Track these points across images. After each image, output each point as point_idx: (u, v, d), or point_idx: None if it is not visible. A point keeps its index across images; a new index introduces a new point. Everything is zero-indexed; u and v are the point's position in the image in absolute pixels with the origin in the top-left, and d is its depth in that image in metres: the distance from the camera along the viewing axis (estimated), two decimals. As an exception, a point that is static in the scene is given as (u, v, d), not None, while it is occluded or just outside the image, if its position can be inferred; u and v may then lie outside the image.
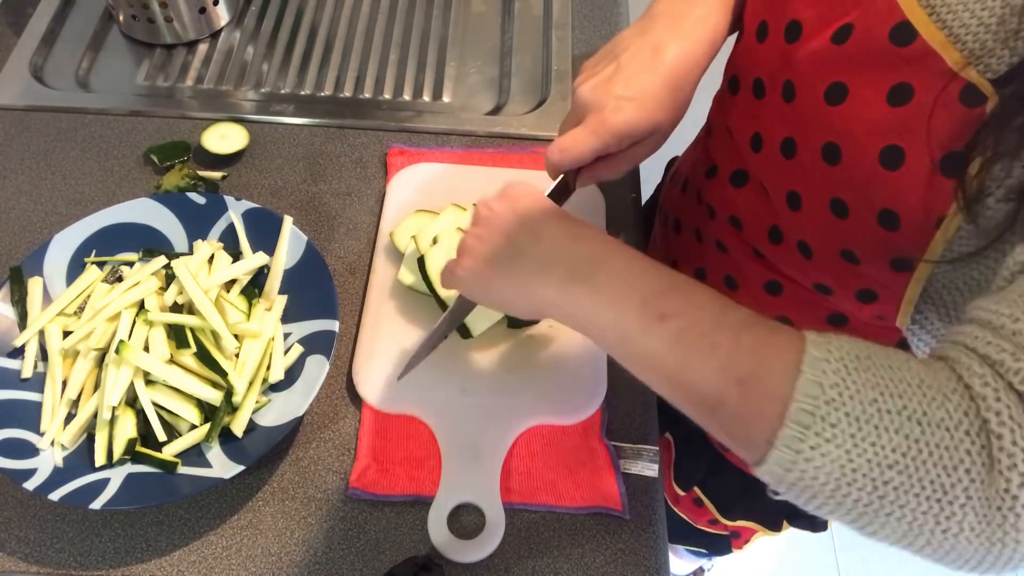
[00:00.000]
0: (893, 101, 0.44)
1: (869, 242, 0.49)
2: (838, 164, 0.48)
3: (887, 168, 0.45)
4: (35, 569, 0.57)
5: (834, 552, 1.57)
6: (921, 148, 0.43)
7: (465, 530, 0.59)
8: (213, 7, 0.90)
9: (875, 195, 0.47)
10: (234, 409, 0.59)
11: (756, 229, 0.60)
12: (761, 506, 0.89)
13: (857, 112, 0.46)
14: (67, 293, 0.64)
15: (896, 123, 0.44)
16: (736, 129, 0.59)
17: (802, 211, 0.53)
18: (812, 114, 0.49)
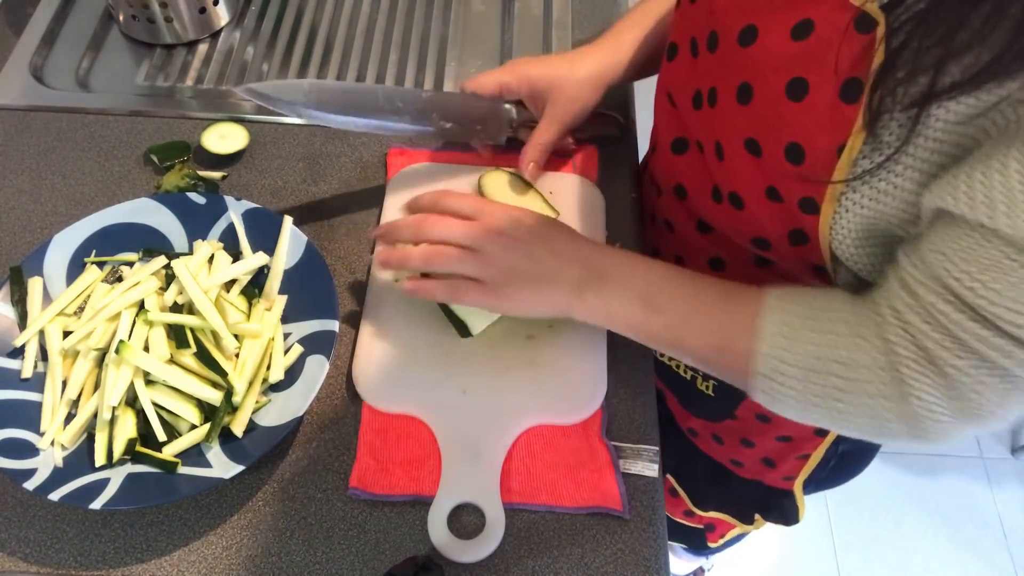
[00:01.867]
0: (796, 35, 0.48)
1: (782, 178, 0.52)
2: (749, 103, 0.52)
3: (792, 100, 0.49)
4: (35, 569, 0.57)
5: (834, 552, 1.57)
6: (823, 78, 0.47)
7: (465, 530, 0.59)
8: (213, 7, 0.90)
9: (782, 129, 0.50)
10: (234, 409, 0.59)
11: (698, 193, 0.63)
12: (730, 496, 0.90)
13: (765, 50, 0.50)
14: (67, 293, 0.64)
15: (799, 56, 0.48)
16: (677, 92, 0.63)
17: (725, 159, 0.56)
18: (730, 58, 0.54)
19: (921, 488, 1.65)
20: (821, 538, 1.59)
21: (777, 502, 0.86)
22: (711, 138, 0.58)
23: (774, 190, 0.53)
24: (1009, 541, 1.60)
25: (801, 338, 0.50)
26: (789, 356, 0.50)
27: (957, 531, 1.60)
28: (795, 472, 0.80)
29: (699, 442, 0.83)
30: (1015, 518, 1.63)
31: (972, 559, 1.57)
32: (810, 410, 0.51)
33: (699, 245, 0.67)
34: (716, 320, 0.54)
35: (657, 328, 0.57)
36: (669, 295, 0.56)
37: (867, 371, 0.48)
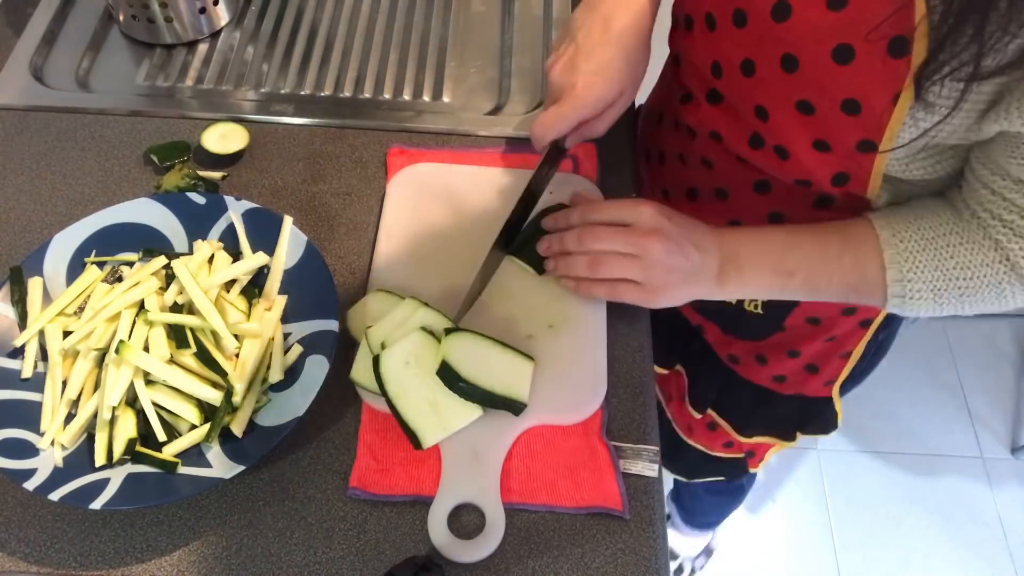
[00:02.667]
0: (832, 6, 0.52)
1: (837, 130, 0.57)
2: (796, 71, 0.56)
3: (840, 63, 0.53)
4: (35, 569, 0.57)
5: (834, 552, 1.57)
6: (867, 41, 0.51)
7: (465, 530, 0.59)
8: (213, 7, 0.90)
9: (836, 88, 0.54)
10: (234, 409, 0.59)
11: (736, 139, 0.66)
12: (774, 416, 0.93)
13: (803, 23, 0.53)
14: (67, 293, 0.64)
15: (839, 24, 0.52)
16: (697, 61, 0.65)
17: (771, 120, 0.60)
18: (764, 33, 0.56)
19: (921, 488, 1.65)
20: (821, 538, 1.59)
21: (818, 411, 0.90)
22: (749, 102, 0.61)
23: (822, 141, 0.58)
24: (1009, 541, 1.60)
25: (923, 260, 0.59)
26: (916, 277, 0.60)
27: (957, 531, 1.60)
28: (836, 374, 0.85)
29: (740, 368, 0.87)
30: (1015, 518, 1.63)
31: (972, 559, 1.57)
32: (942, 308, 0.61)
33: (741, 175, 0.69)
34: (846, 265, 0.62)
35: (795, 287, 0.64)
36: (798, 257, 0.63)
37: (988, 268, 0.58)
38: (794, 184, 0.65)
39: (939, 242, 0.59)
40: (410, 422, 0.59)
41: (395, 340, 0.61)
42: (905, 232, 0.60)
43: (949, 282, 0.59)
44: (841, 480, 1.65)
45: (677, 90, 0.72)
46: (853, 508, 1.62)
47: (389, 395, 0.59)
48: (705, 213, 0.73)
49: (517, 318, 0.68)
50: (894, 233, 0.61)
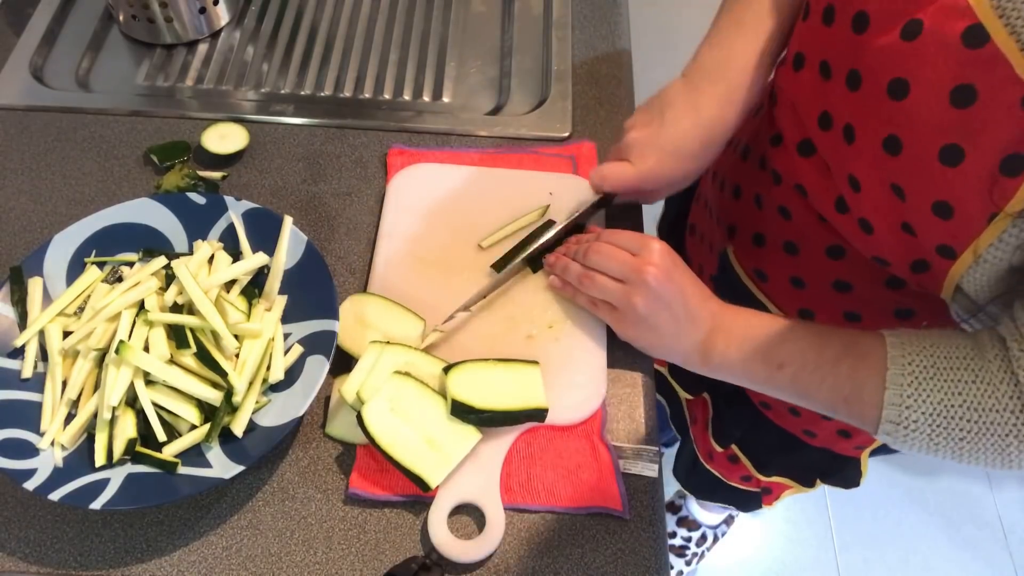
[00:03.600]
0: (956, 102, 0.46)
1: (923, 225, 0.52)
2: (898, 155, 0.51)
3: (946, 164, 0.47)
4: (35, 569, 0.57)
5: (834, 552, 1.57)
6: (981, 148, 0.45)
7: (465, 530, 0.59)
8: (213, 7, 0.90)
9: (932, 187, 0.49)
10: (234, 409, 0.59)
11: (822, 198, 0.62)
12: (799, 463, 0.92)
13: (919, 109, 0.48)
14: (67, 293, 0.64)
15: (958, 123, 0.46)
16: (802, 105, 0.62)
17: (862, 193, 0.56)
18: (874, 105, 0.51)
19: (921, 488, 1.65)
20: (821, 538, 1.59)
21: (841, 468, 0.89)
22: (845, 170, 0.57)
23: (909, 226, 0.53)
24: (1009, 541, 1.60)
25: (929, 388, 0.53)
26: (917, 406, 0.53)
27: (957, 531, 1.60)
28: (868, 443, 0.82)
29: (771, 414, 0.85)
30: (1015, 518, 1.62)
31: (972, 559, 1.57)
32: (936, 449, 0.54)
33: (818, 235, 0.66)
34: (842, 373, 0.56)
35: (782, 382, 0.59)
36: (792, 350, 0.59)
37: (998, 415, 0.51)
38: (871, 259, 0.61)
39: (951, 375, 0.53)
40: (411, 467, 0.58)
41: (371, 390, 0.60)
42: (917, 355, 0.54)
43: (951, 421, 0.52)
44: (841, 480, 1.65)
45: (769, 129, 0.69)
46: (853, 508, 1.62)
47: (383, 448, 0.58)
48: (769, 263, 0.71)
49: (517, 318, 0.68)
50: (904, 353, 0.54)
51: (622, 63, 0.90)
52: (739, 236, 0.75)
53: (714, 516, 1.49)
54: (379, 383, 0.60)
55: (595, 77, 0.88)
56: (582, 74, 0.88)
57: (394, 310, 0.66)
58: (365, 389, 0.60)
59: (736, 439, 0.93)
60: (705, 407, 0.95)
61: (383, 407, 0.59)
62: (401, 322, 0.65)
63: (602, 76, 0.88)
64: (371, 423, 0.58)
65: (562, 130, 0.83)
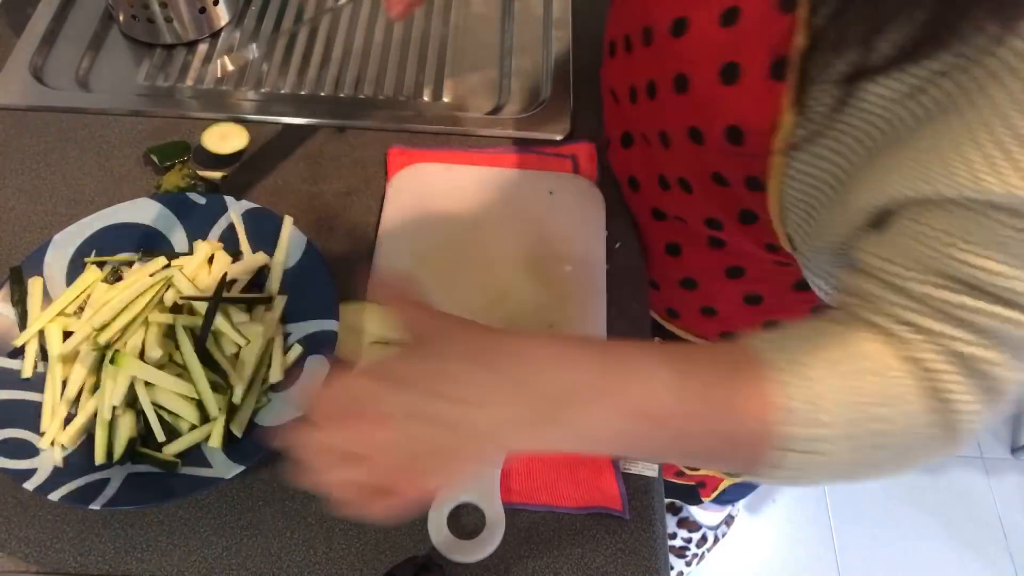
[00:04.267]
0: (725, 22, 0.50)
1: (725, 161, 0.54)
2: (687, 92, 0.54)
3: (727, 84, 0.50)
4: (35, 569, 0.57)
5: (834, 552, 1.57)
6: (753, 60, 0.48)
7: (465, 530, 0.59)
8: (213, 7, 0.90)
9: (720, 113, 0.51)
10: (234, 409, 0.59)
11: (649, 182, 0.65)
12: None
13: (697, 39, 0.52)
14: (67, 293, 0.64)
15: (729, 41, 0.49)
16: (616, 88, 0.65)
17: (672, 147, 0.58)
18: (664, 50, 0.55)
19: (921, 488, 1.65)
20: (821, 538, 1.59)
21: None
22: (655, 129, 0.60)
23: (719, 175, 0.55)
24: (1009, 541, 1.60)
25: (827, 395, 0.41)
26: (824, 417, 0.41)
27: (957, 531, 1.60)
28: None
29: None
30: (1015, 518, 1.62)
31: (972, 559, 1.57)
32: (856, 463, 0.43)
33: (655, 233, 0.70)
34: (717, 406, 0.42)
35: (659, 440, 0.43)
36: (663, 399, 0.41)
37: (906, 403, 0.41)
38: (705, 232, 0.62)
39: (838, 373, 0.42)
40: None
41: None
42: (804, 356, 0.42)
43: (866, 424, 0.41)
44: (841, 480, 1.65)
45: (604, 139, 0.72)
46: (853, 508, 1.62)
47: None
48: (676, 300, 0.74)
49: (517, 318, 0.68)
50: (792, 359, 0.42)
51: (622, 63, 0.90)
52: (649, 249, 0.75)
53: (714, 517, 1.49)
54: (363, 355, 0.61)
55: (595, 77, 0.88)
56: (582, 74, 0.88)
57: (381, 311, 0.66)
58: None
59: None
60: None
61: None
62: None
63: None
64: None
65: (562, 130, 0.83)
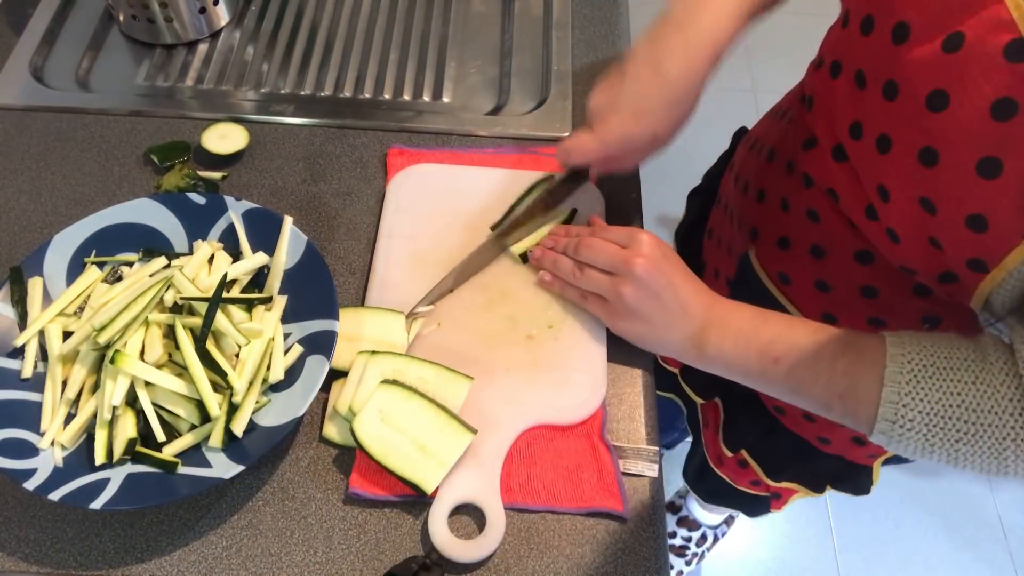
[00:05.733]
0: (997, 115, 0.45)
1: (954, 240, 0.51)
2: (934, 167, 0.50)
3: (983, 177, 0.47)
4: (35, 569, 0.57)
5: (834, 552, 1.57)
6: (1020, 161, 0.45)
7: (465, 530, 0.59)
8: (213, 7, 0.90)
9: (967, 200, 0.48)
10: (234, 409, 0.59)
11: (853, 204, 0.61)
12: (810, 469, 0.91)
13: (958, 121, 0.47)
14: (67, 293, 0.64)
15: (998, 136, 0.45)
16: (836, 113, 0.60)
17: (890, 204, 0.55)
18: (911, 117, 0.50)
19: (921, 488, 1.65)
20: (821, 538, 1.59)
21: (854, 476, 0.88)
22: (874, 179, 0.56)
23: (936, 240, 0.52)
24: (1009, 541, 1.60)
25: (927, 387, 0.52)
26: (914, 404, 0.52)
27: (957, 531, 1.60)
28: (883, 451, 0.81)
29: (785, 420, 0.84)
30: (1015, 518, 1.62)
31: (972, 559, 1.57)
32: (931, 453, 0.53)
33: (847, 239, 0.64)
34: (838, 369, 0.55)
35: (777, 376, 0.59)
36: (788, 344, 0.58)
37: (996, 416, 0.50)
38: (898, 267, 0.60)
39: (951, 375, 0.52)
40: (406, 475, 0.58)
41: (360, 401, 0.60)
42: (916, 354, 0.53)
43: (949, 421, 0.52)
44: (841, 480, 1.65)
45: (802, 133, 0.66)
46: (853, 508, 1.62)
47: (376, 458, 0.58)
48: (793, 266, 0.70)
49: (517, 318, 0.68)
50: (904, 351, 0.53)
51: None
52: (762, 239, 0.74)
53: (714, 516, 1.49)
54: (367, 394, 0.60)
55: (595, 77, 0.88)
56: (582, 74, 0.88)
57: (374, 315, 0.66)
58: (356, 401, 0.60)
59: (748, 445, 0.92)
60: (717, 411, 0.94)
61: (373, 417, 0.59)
62: (384, 325, 0.65)
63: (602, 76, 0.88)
64: (362, 435, 0.59)
65: (562, 130, 0.83)
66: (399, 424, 0.59)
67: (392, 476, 0.58)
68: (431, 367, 0.63)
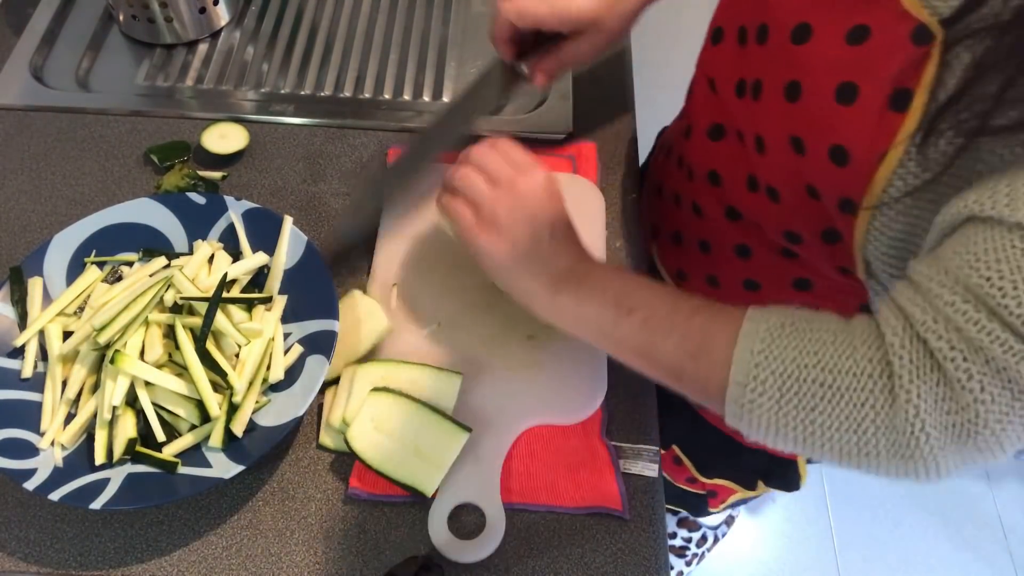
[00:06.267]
0: (851, 40, 0.48)
1: (823, 179, 0.52)
2: (797, 101, 0.52)
3: (842, 103, 0.49)
4: (35, 569, 0.57)
5: (834, 552, 1.57)
6: (874, 85, 0.47)
7: (465, 530, 0.59)
8: (213, 7, 0.90)
9: (829, 130, 0.50)
10: (234, 409, 0.59)
11: (734, 180, 0.63)
12: (737, 464, 0.92)
13: (818, 51, 0.50)
14: (67, 293, 0.64)
15: (852, 61, 0.48)
16: (720, 79, 0.63)
17: (767, 153, 0.57)
18: (780, 54, 0.53)
19: (921, 488, 1.65)
20: (821, 538, 1.59)
21: (781, 470, 0.88)
22: (752, 130, 0.58)
23: (814, 188, 0.53)
24: (1009, 541, 1.60)
25: (782, 344, 0.47)
26: (767, 364, 0.47)
27: (957, 531, 1.60)
28: None
29: (707, 415, 0.84)
30: (1015, 518, 1.63)
31: (972, 559, 1.57)
32: (784, 427, 0.47)
33: (727, 232, 0.67)
34: (694, 325, 0.52)
35: (628, 330, 0.54)
36: (647, 298, 0.55)
37: (854, 378, 0.45)
38: (780, 253, 0.62)
39: (809, 334, 0.47)
40: (405, 480, 0.58)
41: (352, 411, 0.60)
42: (777, 314, 0.49)
43: (803, 384, 0.46)
44: (841, 480, 1.65)
45: (683, 123, 0.69)
46: (853, 508, 1.62)
47: (374, 466, 0.58)
48: (688, 263, 0.72)
49: (517, 318, 0.68)
50: (764, 312, 0.50)
51: (622, 63, 0.90)
52: (662, 236, 0.76)
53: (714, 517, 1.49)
54: (359, 403, 0.60)
55: (595, 77, 0.88)
56: (582, 74, 0.88)
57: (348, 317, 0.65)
58: (348, 411, 0.61)
59: (676, 440, 0.93)
60: None
61: (366, 427, 0.59)
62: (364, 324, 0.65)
63: (602, 76, 0.88)
64: (358, 445, 0.59)
65: (562, 130, 0.83)
66: (393, 430, 0.59)
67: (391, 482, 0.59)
68: (420, 369, 0.63)
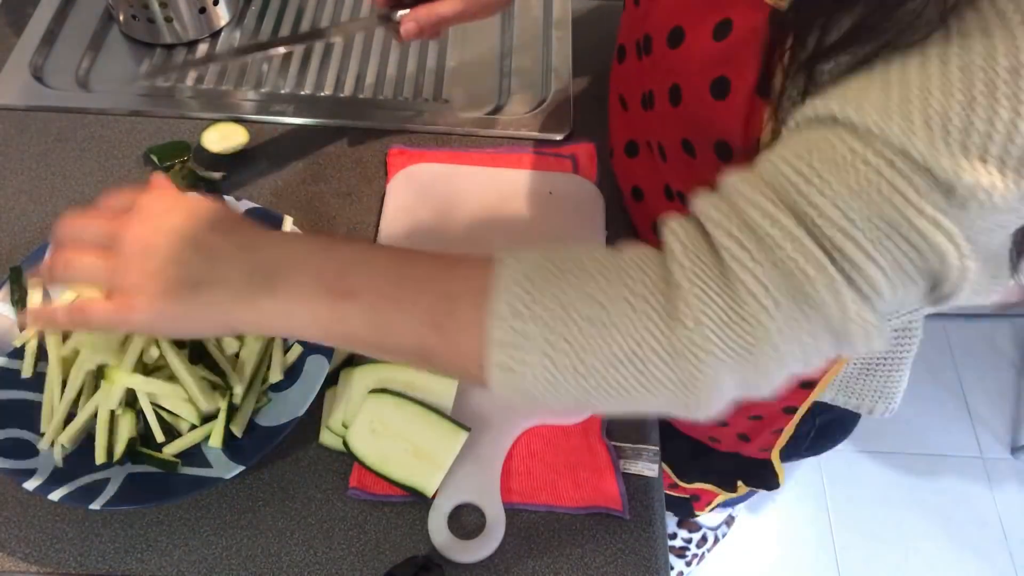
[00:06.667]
0: (717, 36, 0.49)
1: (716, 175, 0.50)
2: (680, 104, 0.52)
3: (717, 98, 0.49)
4: (35, 569, 0.57)
5: (834, 552, 1.57)
6: (742, 76, 0.47)
7: (465, 530, 0.59)
8: (213, 7, 0.90)
9: (710, 128, 0.51)
10: (234, 409, 0.59)
11: (653, 194, 0.63)
12: (711, 468, 0.93)
13: (692, 51, 0.51)
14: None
15: (721, 56, 0.48)
16: (627, 95, 0.64)
17: (668, 160, 0.57)
18: (661, 61, 0.54)
19: (921, 488, 1.65)
20: (821, 538, 1.59)
21: (757, 471, 0.88)
22: (656, 139, 0.59)
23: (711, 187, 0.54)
24: (1009, 541, 1.60)
25: (543, 286, 0.39)
26: (530, 312, 0.39)
27: (957, 531, 1.60)
28: (770, 444, 0.82)
29: (677, 423, 0.85)
30: (1015, 518, 1.62)
31: (972, 559, 1.57)
32: (560, 382, 0.40)
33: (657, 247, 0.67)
34: (432, 291, 0.42)
35: (354, 319, 0.43)
36: (367, 274, 0.44)
37: (627, 304, 0.38)
38: None
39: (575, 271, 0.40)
40: (405, 481, 0.58)
41: (351, 414, 0.61)
42: (532, 254, 0.42)
43: (571, 326, 0.38)
44: (841, 480, 1.65)
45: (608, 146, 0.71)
46: (853, 508, 1.62)
47: (374, 468, 0.59)
48: None
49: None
50: (517, 256, 0.41)
51: (622, 63, 0.90)
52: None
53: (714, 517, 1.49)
54: (357, 406, 0.61)
55: (595, 77, 0.88)
56: (582, 74, 0.88)
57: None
58: (347, 414, 0.61)
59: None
60: None
61: (365, 430, 0.59)
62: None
63: (602, 76, 0.88)
64: (357, 447, 0.59)
65: (562, 130, 0.83)
66: (392, 431, 0.60)
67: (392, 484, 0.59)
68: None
